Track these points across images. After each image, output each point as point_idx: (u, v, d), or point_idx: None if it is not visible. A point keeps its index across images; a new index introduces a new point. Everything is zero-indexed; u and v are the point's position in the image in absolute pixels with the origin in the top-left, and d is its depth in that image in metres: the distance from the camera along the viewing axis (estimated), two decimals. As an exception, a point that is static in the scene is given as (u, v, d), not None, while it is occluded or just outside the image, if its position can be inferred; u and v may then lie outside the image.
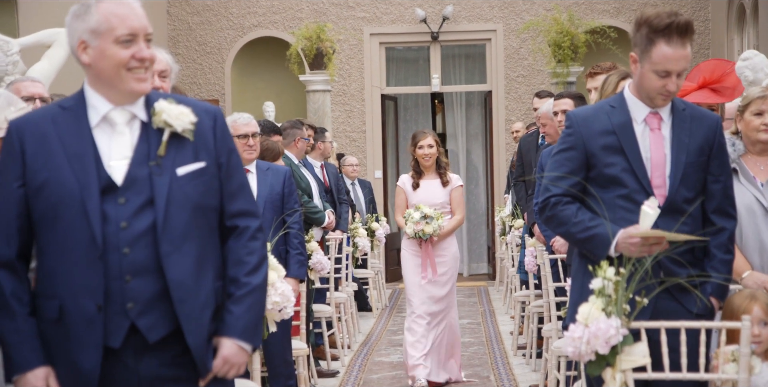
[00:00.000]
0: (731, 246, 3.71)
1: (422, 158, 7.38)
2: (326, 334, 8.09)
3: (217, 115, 2.93)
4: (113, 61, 2.75)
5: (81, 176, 2.76)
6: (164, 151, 2.80)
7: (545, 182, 3.71)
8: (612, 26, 13.79)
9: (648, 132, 3.64)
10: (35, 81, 4.71)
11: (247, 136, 5.82)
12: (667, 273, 3.56)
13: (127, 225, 2.75)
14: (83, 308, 2.74)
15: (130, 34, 2.76)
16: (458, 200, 7.41)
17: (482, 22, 14.56)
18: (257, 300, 2.89)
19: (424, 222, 7.19)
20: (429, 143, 7.39)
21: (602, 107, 3.71)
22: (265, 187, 5.83)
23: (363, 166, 14.20)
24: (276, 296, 4.50)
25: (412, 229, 7.21)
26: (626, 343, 3.22)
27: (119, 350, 2.77)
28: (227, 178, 2.89)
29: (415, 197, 7.40)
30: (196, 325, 2.78)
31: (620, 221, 3.54)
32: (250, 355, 2.93)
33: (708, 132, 3.66)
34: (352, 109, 14.65)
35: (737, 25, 12.76)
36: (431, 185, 7.40)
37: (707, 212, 3.68)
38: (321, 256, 7.20)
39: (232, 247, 2.90)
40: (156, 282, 2.75)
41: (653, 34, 3.52)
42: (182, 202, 2.79)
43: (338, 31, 13.99)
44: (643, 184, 3.59)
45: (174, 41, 14.58)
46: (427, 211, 7.22)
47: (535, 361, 7.80)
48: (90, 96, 2.83)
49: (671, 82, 3.54)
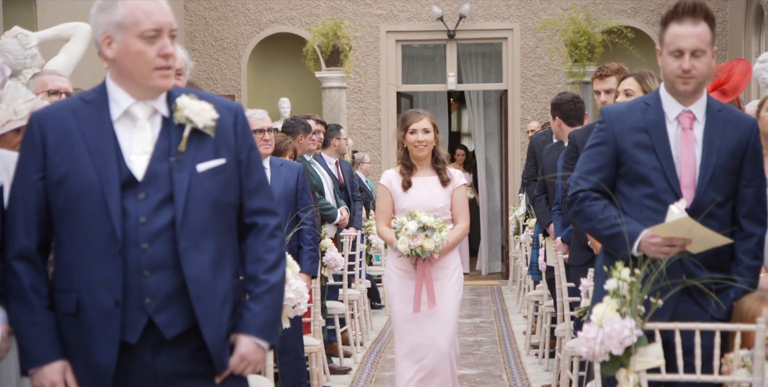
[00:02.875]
0: (760, 252, 3.66)
1: (414, 147, 5.69)
2: (339, 331, 8.10)
3: (239, 111, 2.92)
4: (140, 59, 2.75)
5: (102, 170, 2.75)
6: (185, 147, 2.79)
7: (575, 176, 3.70)
8: (629, 26, 13.75)
9: (680, 131, 3.62)
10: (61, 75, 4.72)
11: (263, 130, 5.85)
12: (689, 275, 3.54)
13: (147, 220, 2.74)
14: (101, 303, 2.73)
15: (156, 29, 2.75)
16: (462, 203, 5.73)
17: (499, 21, 14.53)
18: (276, 298, 2.88)
19: (422, 235, 5.44)
20: (424, 127, 5.68)
21: (637, 104, 3.70)
22: (279, 182, 5.86)
23: (377, 163, 14.21)
24: (290, 292, 4.52)
25: (406, 246, 5.44)
26: (640, 344, 3.21)
27: (136, 346, 2.76)
28: (247, 175, 2.88)
29: (406, 200, 5.66)
30: (214, 322, 2.77)
31: (645, 221, 3.53)
32: (267, 352, 2.92)
33: (742, 136, 3.62)
34: (368, 107, 14.65)
35: (755, 26, 12.70)
36: (427, 184, 5.71)
37: (738, 217, 3.64)
38: (335, 253, 7.20)
39: (251, 244, 2.89)
40: (174, 278, 2.75)
41: (666, 19, 3.57)
42: (202, 198, 2.78)
43: (355, 28, 13.99)
44: (671, 184, 3.56)
45: (191, 36, 14.61)
46: (426, 219, 5.47)
47: (548, 361, 7.79)
48: (112, 90, 2.83)
49: (684, 61, 3.52)
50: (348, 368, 8.00)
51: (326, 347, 7.82)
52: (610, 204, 3.62)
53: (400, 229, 5.49)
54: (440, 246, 5.45)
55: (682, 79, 3.55)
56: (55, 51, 7.34)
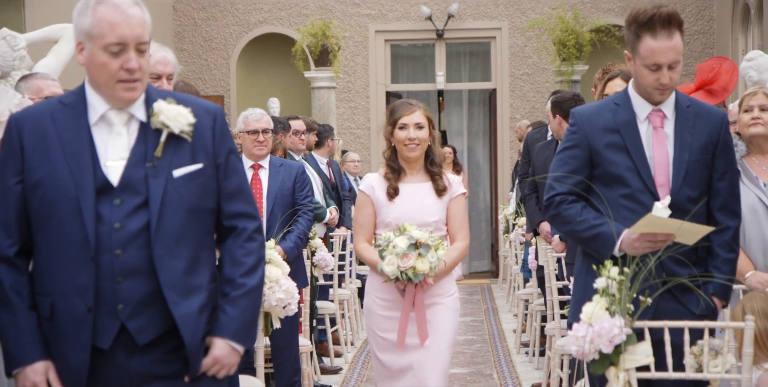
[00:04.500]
0: (735, 245, 3.68)
1: (404, 146, 4.59)
2: (329, 331, 8.11)
3: (218, 114, 2.89)
4: (103, 70, 2.73)
5: (77, 175, 2.74)
6: (161, 152, 2.78)
7: (549, 181, 3.71)
8: (617, 25, 13.78)
9: (651, 130, 3.63)
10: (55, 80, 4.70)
11: (257, 131, 5.82)
12: (669, 273, 3.55)
13: (121, 226, 2.73)
14: (73, 308, 2.73)
15: (119, 43, 2.71)
16: (461, 217, 4.65)
17: (487, 20, 14.56)
18: (252, 302, 2.87)
19: (415, 254, 4.32)
20: (416, 122, 4.59)
21: (607, 104, 3.70)
22: (276, 182, 5.84)
23: (367, 162, 14.21)
24: (280, 293, 4.52)
25: (394, 267, 4.32)
26: (630, 343, 3.23)
27: (109, 349, 2.76)
28: (225, 178, 2.87)
29: (391, 212, 4.56)
30: (192, 327, 2.77)
31: (623, 220, 3.53)
32: (242, 356, 2.90)
33: (712, 129, 3.63)
34: (357, 106, 14.66)
35: (742, 24, 12.75)
36: (419, 192, 4.61)
37: (712, 210, 3.65)
38: (325, 253, 7.21)
39: (230, 247, 2.89)
40: (147, 284, 2.74)
41: (638, 29, 3.54)
42: (177, 204, 2.77)
43: (343, 28, 13.99)
44: (646, 183, 3.57)
45: (180, 37, 14.60)
46: (420, 234, 4.37)
47: (538, 359, 7.81)
48: (89, 94, 2.82)
49: (663, 75, 3.52)
50: (339, 368, 8.01)
51: (317, 347, 7.83)
52: (587, 206, 3.63)
53: (385, 247, 4.34)
54: (436, 267, 4.33)
55: (659, 91, 3.57)
56: (44, 53, 7.33)
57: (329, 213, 7.93)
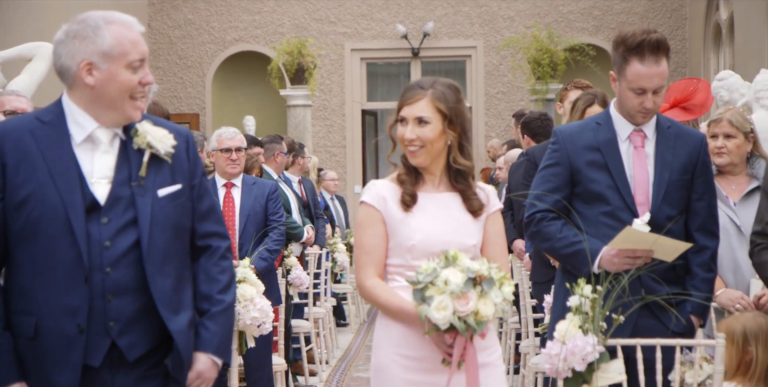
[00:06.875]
0: (713, 265, 3.73)
1: (403, 147, 3.20)
2: (304, 350, 8.09)
3: (189, 137, 2.98)
4: (123, 86, 2.77)
5: (66, 195, 2.75)
6: (145, 172, 2.82)
7: (530, 199, 3.74)
8: (591, 44, 13.91)
9: (632, 149, 3.68)
10: (20, 96, 4.70)
11: (230, 150, 5.81)
12: (648, 291, 3.58)
13: (111, 245, 2.76)
14: (63, 329, 2.72)
15: (141, 59, 2.79)
16: (501, 240, 3.33)
17: (462, 39, 14.64)
18: (229, 317, 2.97)
19: (476, 293, 2.92)
20: (419, 115, 3.15)
21: (588, 124, 3.75)
22: (249, 201, 5.83)
23: (343, 180, 14.23)
24: (255, 312, 4.51)
25: (449, 312, 2.90)
26: (602, 361, 3.24)
27: (97, 367, 2.76)
28: (198, 199, 2.94)
29: (415, 231, 3.16)
30: (186, 342, 2.83)
31: (603, 238, 3.56)
32: (220, 371, 2.99)
33: (692, 150, 3.68)
34: (333, 124, 14.68)
35: (714, 44, 12.89)
36: (445, 205, 3.23)
37: (690, 230, 3.69)
38: (300, 271, 7.20)
39: (204, 265, 2.96)
40: (136, 301, 2.77)
41: (627, 52, 3.58)
42: (164, 222, 2.82)
43: (319, 46, 14.03)
44: (626, 201, 3.61)
45: (155, 55, 14.58)
46: (477, 266, 2.96)
47: (513, 377, 7.81)
48: (74, 113, 2.82)
49: (647, 99, 3.58)
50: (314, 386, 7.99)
51: (291, 366, 7.80)
52: (567, 223, 3.66)
53: (429, 284, 2.93)
54: (504, 310, 2.99)
55: (642, 113, 3.63)
56: (18, 71, 7.31)
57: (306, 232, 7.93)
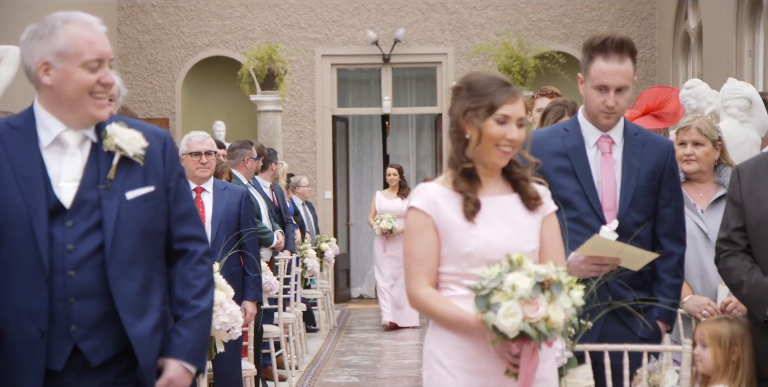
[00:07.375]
0: (680, 271, 3.76)
1: (494, 147, 3.02)
2: (274, 355, 8.07)
3: (167, 139, 2.94)
4: (78, 85, 2.75)
5: (29, 199, 2.73)
6: (114, 174, 2.80)
7: None
8: (561, 51, 13.98)
9: (599, 156, 3.70)
10: None
11: (200, 153, 5.78)
12: (615, 297, 3.60)
13: (74, 248, 2.74)
14: (25, 332, 2.71)
15: (98, 59, 2.77)
16: (558, 242, 3.17)
17: (433, 45, 14.68)
18: (204, 324, 2.90)
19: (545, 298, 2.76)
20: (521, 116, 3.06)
21: (557, 130, 3.78)
22: (221, 206, 5.79)
23: (313, 186, 14.21)
24: (224, 317, 4.50)
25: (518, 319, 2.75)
26: (570, 366, 3.26)
27: (61, 371, 2.74)
28: (175, 202, 2.90)
29: (472, 238, 3.00)
30: (147, 348, 2.78)
31: (570, 244, 3.57)
32: (194, 378, 2.92)
33: (659, 157, 3.72)
34: (303, 130, 14.67)
35: (682, 53, 13.00)
36: (505, 209, 3.08)
37: (658, 236, 3.73)
38: (270, 277, 7.18)
39: (180, 270, 2.91)
40: (100, 305, 2.74)
41: (592, 51, 3.64)
42: (131, 226, 2.79)
43: (290, 52, 14.02)
44: (594, 207, 3.64)
45: (124, 59, 14.51)
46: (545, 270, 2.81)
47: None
48: (42, 116, 2.81)
49: (609, 97, 3.60)
50: (283, 392, 7.96)
51: (261, 371, 7.78)
52: None
53: (491, 291, 2.78)
54: (575, 316, 2.82)
55: (605, 113, 3.66)
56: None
57: (276, 238, 7.92)
